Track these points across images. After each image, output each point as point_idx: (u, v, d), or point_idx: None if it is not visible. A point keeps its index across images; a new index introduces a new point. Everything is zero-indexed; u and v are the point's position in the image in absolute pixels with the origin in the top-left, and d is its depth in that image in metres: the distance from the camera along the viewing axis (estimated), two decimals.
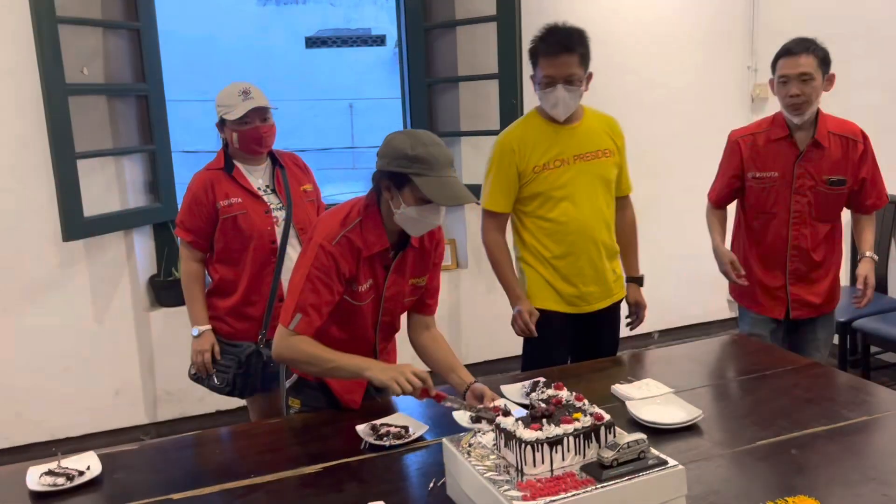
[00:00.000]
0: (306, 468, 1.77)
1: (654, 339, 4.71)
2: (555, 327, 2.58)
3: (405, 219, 1.89)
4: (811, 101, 2.55)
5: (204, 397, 3.77)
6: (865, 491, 1.56)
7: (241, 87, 2.50)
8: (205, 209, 2.51)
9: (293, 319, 1.89)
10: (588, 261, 2.56)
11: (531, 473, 1.43)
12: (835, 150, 2.62)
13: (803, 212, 2.65)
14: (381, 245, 1.95)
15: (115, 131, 3.51)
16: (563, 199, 2.51)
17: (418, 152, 1.81)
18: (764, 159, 2.69)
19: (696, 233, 4.59)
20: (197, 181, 2.55)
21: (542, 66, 2.45)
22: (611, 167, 2.59)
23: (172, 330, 3.68)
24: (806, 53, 2.53)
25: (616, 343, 2.76)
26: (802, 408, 1.99)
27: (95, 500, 1.68)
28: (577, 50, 2.45)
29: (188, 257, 2.58)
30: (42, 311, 3.46)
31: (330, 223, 1.94)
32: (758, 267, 2.77)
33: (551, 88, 2.44)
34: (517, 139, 2.52)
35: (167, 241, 3.75)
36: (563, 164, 2.50)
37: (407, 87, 4.10)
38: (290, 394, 2.15)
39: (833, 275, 2.74)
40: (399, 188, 1.86)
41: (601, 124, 2.63)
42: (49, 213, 3.34)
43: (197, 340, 2.56)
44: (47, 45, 3.07)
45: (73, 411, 3.56)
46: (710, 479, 1.63)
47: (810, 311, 2.73)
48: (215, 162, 2.60)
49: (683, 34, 4.45)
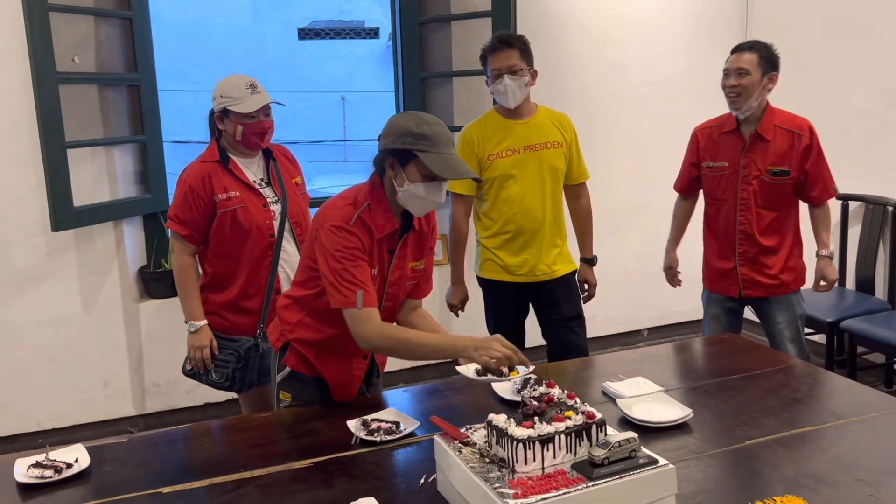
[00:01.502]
0: (297, 463, 1.77)
1: (643, 336, 4.73)
2: (504, 294, 3.02)
3: (409, 196, 1.93)
4: (745, 95, 2.78)
5: (192, 390, 3.76)
6: (852, 491, 1.58)
7: (247, 80, 2.49)
8: (202, 202, 2.47)
9: (357, 298, 1.88)
10: (531, 236, 2.93)
11: (522, 471, 1.43)
12: (780, 143, 2.82)
13: (749, 199, 2.87)
14: (391, 226, 1.98)
15: (105, 121, 3.49)
16: (512, 183, 2.89)
17: (423, 130, 1.88)
18: (716, 150, 2.96)
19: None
20: (192, 173, 2.50)
21: (490, 62, 2.85)
22: (559, 157, 2.95)
23: (161, 322, 3.66)
24: (750, 51, 2.80)
25: (581, 313, 3.09)
26: (791, 407, 2.01)
27: (83, 493, 1.67)
28: (517, 45, 2.83)
29: (181, 251, 2.53)
30: (30, 302, 3.43)
31: (340, 207, 1.95)
32: (713, 249, 3.05)
33: (499, 80, 2.82)
34: (476, 131, 2.93)
35: (157, 232, 3.73)
36: (514, 153, 2.89)
37: (400, 81, 4.09)
38: (281, 387, 2.15)
39: (783, 259, 2.90)
40: (404, 165, 1.90)
41: (552, 119, 2.98)
42: (38, 202, 3.32)
43: (194, 336, 2.53)
44: (38, 33, 3.03)
45: (60, 402, 3.54)
46: (700, 478, 1.64)
47: (761, 291, 2.94)
48: (209, 154, 2.55)
49: (676, 33, 4.46)
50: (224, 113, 2.48)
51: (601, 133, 4.18)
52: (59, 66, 3.14)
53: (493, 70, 2.83)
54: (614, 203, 4.37)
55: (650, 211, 4.55)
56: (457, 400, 2.14)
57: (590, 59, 4.28)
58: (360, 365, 2.14)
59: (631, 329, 4.69)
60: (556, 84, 4.04)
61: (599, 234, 3.24)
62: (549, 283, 3.00)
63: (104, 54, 3.44)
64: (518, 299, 3.06)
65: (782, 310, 2.94)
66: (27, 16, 3.01)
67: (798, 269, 2.95)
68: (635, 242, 4.54)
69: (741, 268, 2.94)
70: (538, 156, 2.90)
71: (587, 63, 4.27)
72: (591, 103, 4.23)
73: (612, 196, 4.33)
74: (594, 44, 4.28)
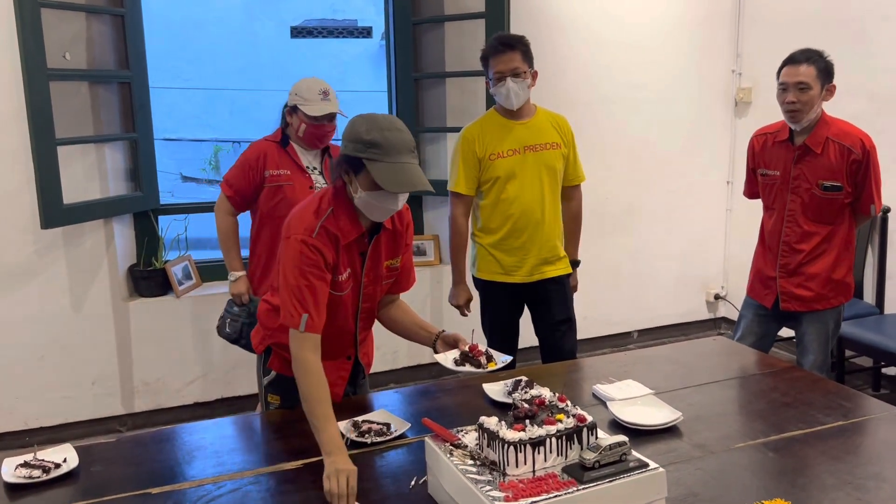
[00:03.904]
0: (286, 464, 1.76)
1: (633, 338, 4.74)
2: (500, 294, 3.03)
3: (364, 204, 1.87)
4: (806, 110, 2.68)
5: (181, 389, 3.75)
6: (840, 495, 1.59)
7: (321, 86, 2.81)
8: (254, 174, 2.84)
9: (301, 321, 1.83)
10: (529, 237, 2.93)
11: (513, 474, 1.44)
12: (831, 157, 2.71)
13: (796, 211, 2.81)
14: (357, 231, 1.93)
15: (96, 118, 3.46)
16: (513, 183, 2.90)
17: (373, 137, 1.79)
18: (769, 158, 2.89)
19: (678, 234, 4.68)
20: (253, 148, 2.89)
21: (491, 65, 2.85)
22: (557, 158, 2.96)
23: (151, 320, 3.65)
24: (807, 63, 2.67)
25: (572, 316, 3.09)
26: (780, 411, 2.02)
27: (72, 493, 1.66)
28: (518, 47, 2.83)
29: (226, 210, 2.93)
30: (18, 299, 3.41)
31: (304, 217, 1.91)
32: (760, 255, 2.99)
33: (502, 83, 2.82)
34: (477, 131, 2.94)
35: (147, 231, 3.71)
36: (514, 153, 2.90)
37: (393, 81, 4.09)
38: (269, 390, 2.14)
39: (825, 275, 2.80)
40: (356, 173, 1.85)
41: (551, 121, 2.99)
42: (28, 199, 3.29)
43: (234, 284, 2.98)
44: (29, 30, 3.01)
45: (48, 400, 3.51)
46: (689, 481, 1.65)
47: (799, 305, 2.86)
48: (274, 135, 2.93)
49: (669, 37, 4.47)
50: (294, 109, 2.83)
51: (592, 135, 4.18)
52: (50, 62, 3.11)
53: (495, 72, 2.82)
54: (605, 205, 4.39)
55: (641, 213, 4.57)
56: (448, 402, 2.14)
57: (582, 61, 4.29)
58: (345, 366, 2.12)
59: (621, 331, 4.70)
60: (548, 85, 4.04)
61: (591, 235, 3.26)
62: (544, 283, 3.00)
63: (95, 51, 3.42)
64: (514, 299, 3.06)
65: (813, 323, 2.86)
66: (18, 11, 2.98)
67: (840, 286, 2.84)
68: (626, 244, 4.56)
69: (781, 279, 2.86)
70: (538, 156, 2.91)
71: (579, 64, 4.28)
72: (582, 104, 4.24)
73: (603, 198, 4.35)
74: (587, 45, 4.28)
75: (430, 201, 4.26)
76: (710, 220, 4.78)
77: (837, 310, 2.89)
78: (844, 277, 2.85)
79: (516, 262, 2.96)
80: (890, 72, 3.78)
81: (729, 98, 4.70)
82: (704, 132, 4.69)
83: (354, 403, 2.10)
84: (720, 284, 4.88)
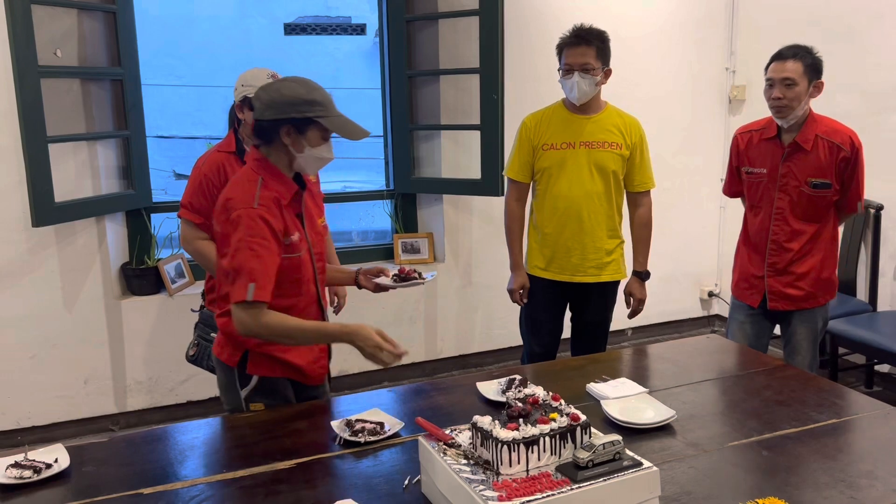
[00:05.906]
0: (279, 463, 1.75)
1: (627, 335, 4.74)
2: (540, 291, 3.00)
3: (309, 160, 2.00)
4: (793, 106, 2.66)
5: (174, 388, 3.73)
6: (833, 493, 1.59)
7: (268, 72, 2.56)
8: (216, 191, 2.50)
9: (248, 290, 1.87)
10: (572, 234, 2.88)
11: (507, 473, 1.43)
12: (820, 154, 2.70)
13: (785, 209, 2.78)
14: (291, 189, 2.02)
15: (88, 115, 3.44)
16: (561, 177, 2.86)
17: (314, 96, 1.94)
18: (755, 156, 2.84)
19: (672, 231, 4.68)
20: (208, 162, 2.59)
21: (564, 55, 2.81)
22: (614, 158, 2.89)
23: (143, 319, 3.63)
24: (794, 59, 2.65)
25: (605, 321, 3.07)
26: (773, 409, 2.02)
27: (63, 493, 1.65)
28: (594, 43, 2.79)
29: (195, 237, 2.60)
30: (10, 298, 3.39)
31: (239, 192, 1.95)
32: (745, 255, 2.94)
33: (569, 75, 2.79)
34: (536, 119, 2.95)
35: (140, 229, 3.70)
36: (567, 146, 2.86)
37: (387, 79, 4.07)
38: (251, 401, 2.10)
39: (814, 274, 2.80)
40: (302, 132, 1.95)
41: (617, 121, 2.93)
42: (19, 197, 3.27)
43: None
44: (19, 26, 2.99)
45: (40, 399, 3.49)
46: (682, 480, 1.65)
47: (788, 304, 2.85)
48: (225, 144, 2.63)
49: (663, 34, 4.47)
50: (244, 102, 2.54)
51: None
52: (41, 59, 3.09)
53: (565, 64, 2.80)
54: None
55: None
56: (441, 401, 2.13)
57: None
58: None
59: (615, 328, 4.69)
60: (542, 84, 4.04)
61: None
62: (585, 285, 2.96)
63: (87, 48, 3.40)
64: (554, 298, 3.03)
65: (803, 322, 2.85)
66: (8, 8, 2.97)
67: (828, 284, 2.84)
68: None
69: (769, 279, 2.84)
70: (591, 153, 2.85)
71: None
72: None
73: None
74: None
75: (424, 200, 4.25)
76: (704, 217, 4.79)
77: (825, 308, 2.89)
78: (831, 275, 2.85)
79: (558, 260, 2.93)
80: (882, 69, 3.79)
81: (723, 96, 4.70)
82: (698, 130, 4.70)
83: (347, 403, 2.09)
84: (714, 282, 4.88)
